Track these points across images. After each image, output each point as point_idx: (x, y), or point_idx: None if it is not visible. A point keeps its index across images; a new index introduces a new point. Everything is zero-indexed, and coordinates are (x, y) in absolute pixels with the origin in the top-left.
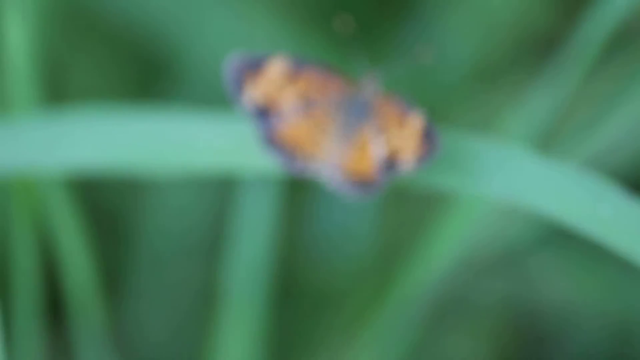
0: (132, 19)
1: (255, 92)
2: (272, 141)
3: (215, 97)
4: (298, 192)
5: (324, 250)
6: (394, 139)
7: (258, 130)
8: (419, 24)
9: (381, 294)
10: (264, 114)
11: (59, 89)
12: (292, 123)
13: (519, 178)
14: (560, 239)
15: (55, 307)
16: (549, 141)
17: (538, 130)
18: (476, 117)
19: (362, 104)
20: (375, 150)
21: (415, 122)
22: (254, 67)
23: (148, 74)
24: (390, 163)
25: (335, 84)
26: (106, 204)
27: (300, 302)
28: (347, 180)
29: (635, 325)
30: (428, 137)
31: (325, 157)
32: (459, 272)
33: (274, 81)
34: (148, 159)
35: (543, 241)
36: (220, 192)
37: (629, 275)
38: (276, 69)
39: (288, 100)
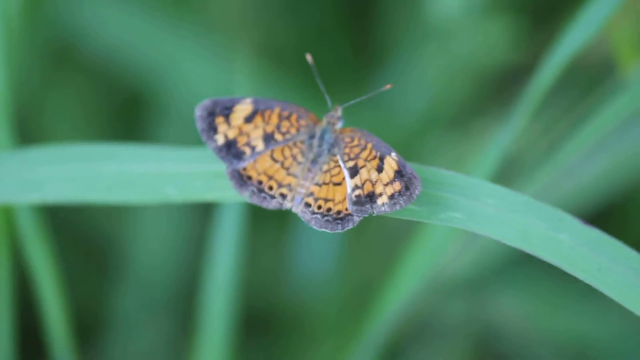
0: (113, 55)
1: (226, 133)
2: (243, 180)
3: (194, 132)
4: (277, 224)
5: (299, 279)
6: (366, 174)
7: (228, 170)
8: (389, 71)
9: (353, 320)
10: (234, 154)
11: (38, 123)
12: (262, 161)
13: (479, 207)
14: (521, 265)
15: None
16: (506, 172)
17: (497, 163)
18: (444, 161)
19: (329, 139)
20: (346, 184)
21: (390, 160)
22: (224, 111)
23: (128, 109)
24: (365, 199)
25: (303, 120)
26: (84, 225)
27: (274, 331)
28: (319, 215)
29: (590, 349)
30: (405, 176)
31: (296, 193)
32: (424, 297)
33: (243, 122)
34: (125, 194)
35: (504, 266)
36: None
37: (586, 300)
38: (244, 109)
39: (257, 139)
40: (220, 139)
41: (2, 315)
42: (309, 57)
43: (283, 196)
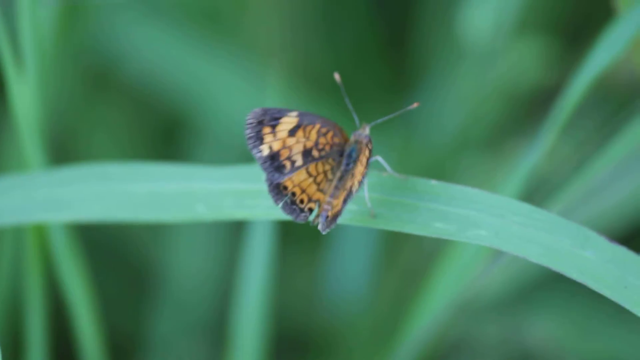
0: (150, 78)
1: (271, 145)
2: (279, 189)
3: (230, 154)
4: (310, 245)
5: (332, 300)
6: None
7: (268, 181)
8: (423, 92)
9: (386, 341)
10: (276, 167)
11: (83, 144)
12: (298, 173)
13: (505, 224)
14: (551, 286)
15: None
16: (537, 192)
17: (524, 181)
18: (475, 180)
19: (355, 156)
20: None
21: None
22: (271, 121)
23: (169, 130)
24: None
25: (337, 138)
26: (119, 248)
27: (308, 352)
28: (331, 219)
29: None
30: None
31: (322, 209)
32: (456, 317)
33: (287, 134)
34: (154, 212)
35: (535, 288)
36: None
37: (618, 321)
38: (290, 122)
39: (297, 154)
40: (265, 150)
41: (36, 337)
42: (337, 76)
43: (310, 211)
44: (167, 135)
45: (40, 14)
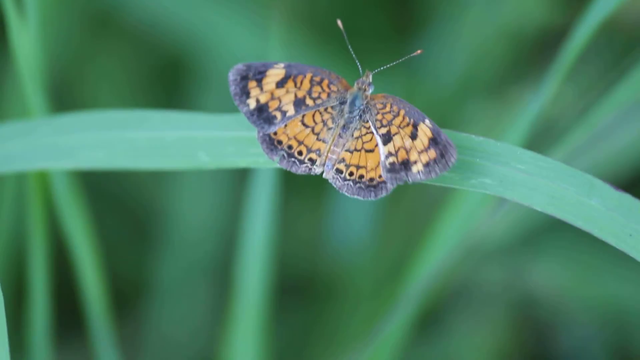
0: (153, 21)
1: (258, 97)
2: (274, 144)
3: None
4: (314, 192)
5: (336, 246)
6: (400, 141)
7: (259, 134)
8: (426, 39)
9: (390, 286)
10: (265, 118)
11: (80, 89)
12: (292, 126)
13: (510, 172)
14: (556, 231)
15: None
16: (543, 138)
17: (529, 128)
18: (480, 127)
19: (360, 104)
20: (379, 151)
21: (423, 127)
22: (256, 75)
23: (170, 75)
24: (399, 166)
25: (335, 86)
26: (123, 195)
27: (311, 297)
28: (351, 182)
29: (629, 314)
30: (440, 144)
31: (326, 158)
32: (459, 264)
33: (275, 86)
34: (156, 160)
35: (540, 233)
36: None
37: (623, 266)
38: (277, 74)
39: (288, 104)
40: (252, 103)
41: (39, 283)
42: (339, 23)
43: (312, 161)
44: (171, 80)
45: None
